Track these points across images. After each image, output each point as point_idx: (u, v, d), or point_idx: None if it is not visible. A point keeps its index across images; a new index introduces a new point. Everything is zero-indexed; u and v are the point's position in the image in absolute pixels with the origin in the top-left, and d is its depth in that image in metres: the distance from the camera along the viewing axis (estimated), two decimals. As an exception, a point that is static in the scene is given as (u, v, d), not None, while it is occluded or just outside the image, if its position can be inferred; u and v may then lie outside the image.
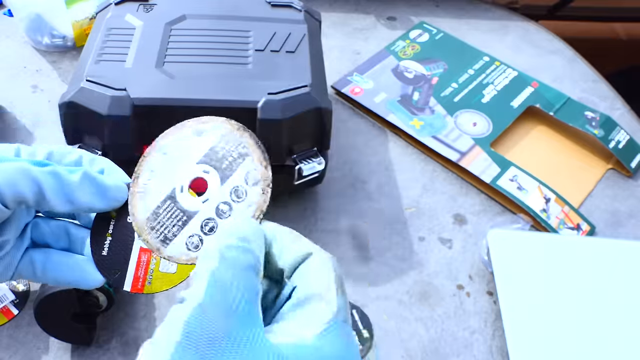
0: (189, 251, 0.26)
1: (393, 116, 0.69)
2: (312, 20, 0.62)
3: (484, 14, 0.89)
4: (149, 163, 0.28)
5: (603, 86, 0.78)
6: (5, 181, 0.26)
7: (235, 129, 0.27)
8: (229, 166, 0.27)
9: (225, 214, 0.26)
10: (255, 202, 0.26)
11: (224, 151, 0.27)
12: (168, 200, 0.27)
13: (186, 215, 0.26)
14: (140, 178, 0.28)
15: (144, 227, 0.27)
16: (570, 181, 0.65)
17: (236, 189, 0.26)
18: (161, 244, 0.26)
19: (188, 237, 0.26)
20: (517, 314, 0.52)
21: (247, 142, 0.27)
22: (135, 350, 0.49)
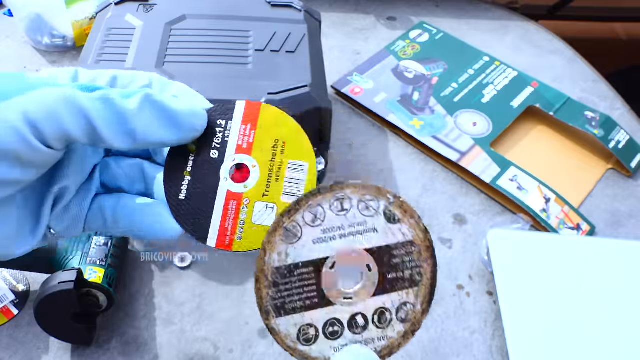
0: (298, 341, 0.22)
1: (393, 116, 0.69)
2: (312, 20, 0.62)
3: (484, 14, 0.89)
4: (320, 206, 0.22)
5: (603, 86, 0.78)
6: (44, 113, 0.20)
7: (425, 246, 0.23)
8: (394, 281, 0.22)
9: (357, 329, 0.22)
10: (390, 339, 0.22)
11: (399, 260, 0.22)
12: (311, 266, 0.22)
13: (319, 298, 0.22)
14: (299, 216, 0.22)
15: (268, 275, 0.22)
16: (570, 181, 0.65)
17: (383, 311, 0.22)
18: (274, 309, 0.22)
19: (306, 324, 0.22)
20: (517, 314, 0.52)
21: (425, 271, 0.23)
22: (136, 349, 0.49)
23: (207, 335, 0.51)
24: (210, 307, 0.52)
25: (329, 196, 0.22)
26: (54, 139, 0.20)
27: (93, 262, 0.48)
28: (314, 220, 0.22)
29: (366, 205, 0.22)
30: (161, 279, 0.54)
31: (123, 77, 0.24)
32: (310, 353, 0.21)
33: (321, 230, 0.22)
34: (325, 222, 0.22)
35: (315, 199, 0.22)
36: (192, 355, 0.49)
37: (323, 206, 0.22)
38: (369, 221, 0.22)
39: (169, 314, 0.52)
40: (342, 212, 0.22)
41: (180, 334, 0.51)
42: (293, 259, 0.21)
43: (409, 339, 0.22)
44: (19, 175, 0.21)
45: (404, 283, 0.22)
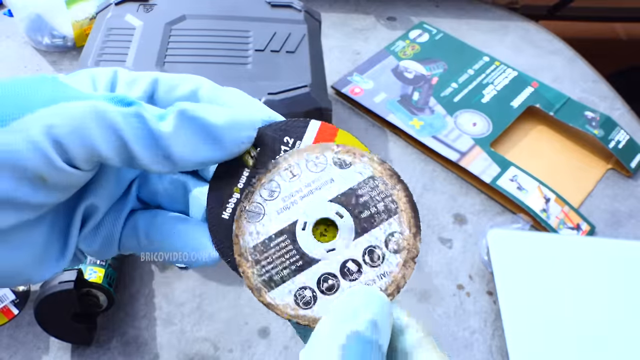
0: (297, 306, 0.21)
1: (393, 116, 0.69)
2: (312, 21, 0.62)
3: (484, 14, 0.89)
4: (272, 180, 0.22)
5: (603, 86, 0.78)
6: (70, 129, 0.17)
7: (387, 174, 0.22)
8: (370, 218, 0.22)
9: (352, 275, 0.21)
10: (391, 273, 0.21)
11: (367, 197, 0.22)
12: (284, 234, 0.21)
13: (303, 260, 0.21)
14: (256, 195, 0.22)
15: (247, 257, 0.21)
16: (570, 181, 0.65)
17: (372, 249, 0.22)
18: (264, 284, 0.21)
19: (299, 287, 0.21)
20: (517, 313, 0.52)
21: (398, 196, 0.22)
22: (136, 349, 0.49)
23: (207, 335, 0.51)
24: (210, 307, 0.52)
25: (277, 168, 0.22)
26: (81, 159, 0.18)
27: (93, 262, 0.49)
28: (271, 194, 0.22)
29: (314, 163, 0.22)
30: (161, 279, 0.54)
31: (165, 81, 0.21)
32: (315, 314, 0.21)
33: (281, 199, 0.22)
34: (282, 191, 0.22)
35: (266, 176, 0.22)
36: (192, 355, 0.50)
37: (275, 179, 0.22)
38: (322, 176, 0.22)
39: (169, 314, 0.52)
40: (294, 177, 0.22)
41: (180, 334, 0.51)
42: (265, 234, 0.21)
43: (411, 267, 0.22)
44: (42, 199, 0.18)
45: (381, 215, 0.22)
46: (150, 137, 0.19)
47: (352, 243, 0.22)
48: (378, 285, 0.21)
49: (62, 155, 0.18)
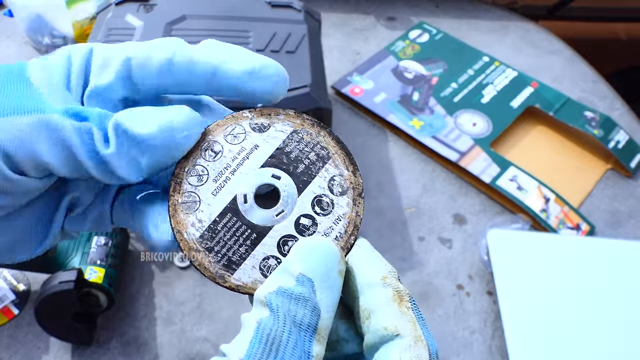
0: (266, 277, 0.20)
1: (393, 116, 0.70)
2: (312, 21, 0.62)
3: (484, 15, 0.89)
4: (196, 165, 0.21)
5: (602, 86, 0.78)
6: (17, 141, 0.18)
7: (309, 125, 0.22)
8: (306, 171, 0.22)
9: (309, 230, 0.21)
10: (345, 215, 0.21)
11: (297, 152, 0.22)
12: (228, 212, 0.21)
13: (255, 231, 0.21)
14: (185, 184, 0.21)
15: (198, 248, 0.21)
16: (569, 181, 0.65)
17: (319, 198, 0.21)
18: (225, 269, 0.20)
19: (262, 259, 0.21)
20: (517, 313, 0.52)
21: (325, 142, 0.22)
22: (136, 350, 0.49)
23: (207, 335, 0.51)
24: (210, 307, 0.52)
25: (198, 152, 0.21)
26: (29, 169, 0.19)
27: (93, 262, 0.49)
28: (200, 179, 0.21)
29: (233, 135, 0.22)
30: (161, 278, 0.54)
31: (138, 56, 0.21)
32: None
33: (212, 180, 0.21)
34: (210, 173, 0.21)
35: (189, 162, 0.21)
36: (193, 355, 0.50)
37: (199, 163, 0.21)
38: (245, 145, 0.22)
39: (169, 313, 0.52)
40: (218, 155, 0.21)
41: (180, 333, 0.51)
42: (208, 220, 0.21)
43: (361, 203, 0.21)
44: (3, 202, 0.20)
45: (316, 164, 0.22)
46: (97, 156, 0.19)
47: (298, 199, 0.21)
48: (337, 230, 0.21)
49: (9, 165, 0.19)
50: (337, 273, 0.19)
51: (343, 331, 0.21)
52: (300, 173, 0.21)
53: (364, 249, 0.21)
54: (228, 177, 0.21)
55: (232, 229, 0.21)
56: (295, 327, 0.18)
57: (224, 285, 0.20)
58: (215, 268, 0.20)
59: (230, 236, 0.21)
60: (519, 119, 0.71)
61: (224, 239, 0.21)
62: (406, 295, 0.20)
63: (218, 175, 0.21)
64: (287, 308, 0.18)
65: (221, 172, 0.21)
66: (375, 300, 0.19)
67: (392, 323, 0.19)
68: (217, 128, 0.22)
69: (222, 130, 0.22)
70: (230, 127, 0.22)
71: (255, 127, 0.22)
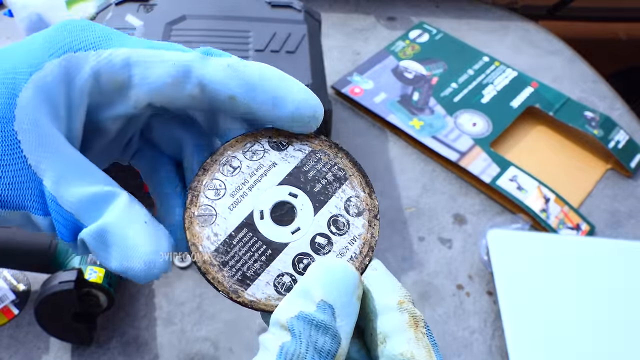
0: (280, 295, 0.20)
1: (393, 116, 0.70)
2: (312, 21, 0.62)
3: (484, 14, 0.89)
4: (214, 179, 0.22)
5: (602, 86, 0.78)
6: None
7: (327, 146, 0.23)
8: (323, 190, 0.22)
9: (324, 249, 0.21)
10: (360, 236, 0.21)
11: (314, 171, 0.22)
12: (244, 227, 0.21)
13: (271, 247, 0.21)
14: (202, 197, 0.21)
15: (213, 262, 0.20)
16: (569, 181, 0.65)
17: (335, 218, 0.22)
18: (239, 284, 0.20)
19: (276, 275, 0.21)
20: (517, 313, 0.52)
21: (343, 164, 0.22)
22: (136, 350, 0.49)
23: (207, 335, 0.51)
24: (211, 307, 0.52)
25: (216, 165, 0.22)
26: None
27: (93, 261, 0.49)
28: (217, 193, 0.21)
29: (251, 152, 0.22)
30: (161, 278, 0.54)
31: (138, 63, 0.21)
32: None
33: (229, 195, 0.21)
34: (227, 188, 0.21)
35: (207, 175, 0.22)
36: (193, 355, 0.50)
37: (217, 177, 0.22)
38: (263, 162, 0.22)
39: (169, 314, 0.52)
40: (236, 170, 0.22)
41: (180, 333, 0.51)
42: (224, 234, 0.21)
43: (376, 225, 0.22)
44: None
45: (333, 185, 0.22)
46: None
47: (314, 218, 0.21)
48: (352, 250, 0.21)
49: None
50: (356, 298, 0.19)
51: (355, 352, 0.21)
52: (318, 192, 0.22)
53: (380, 271, 0.21)
54: (245, 192, 0.21)
55: (248, 244, 0.21)
56: (317, 353, 0.18)
57: (237, 300, 0.20)
58: (229, 282, 0.20)
59: (246, 251, 0.21)
60: (519, 119, 0.71)
61: (239, 254, 0.21)
62: (421, 321, 0.20)
63: (235, 190, 0.21)
64: (309, 334, 0.18)
65: (239, 187, 0.21)
66: (391, 325, 0.20)
67: (408, 349, 0.19)
68: (236, 144, 0.22)
69: (241, 146, 0.22)
70: (249, 144, 0.22)
71: (274, 146, 0.22)
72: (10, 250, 0.48)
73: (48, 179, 0.19)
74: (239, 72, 0.21)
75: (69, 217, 0.19)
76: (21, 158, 0.19)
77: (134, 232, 0.19)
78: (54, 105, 0.19)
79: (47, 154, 0.19)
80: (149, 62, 0.20)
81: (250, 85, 0.21)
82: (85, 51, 0.20)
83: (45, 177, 0.19)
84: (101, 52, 0.20)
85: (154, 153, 0.25)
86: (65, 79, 0.20)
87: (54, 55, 0.20)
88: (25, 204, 0.19)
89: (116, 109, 0.21)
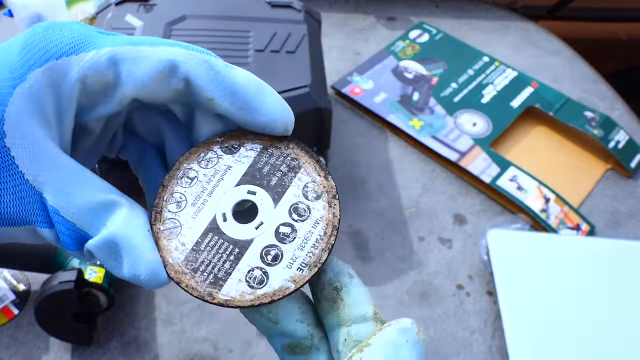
0: (253, 289, 0.21)
1: (393, 116, 0.70)
2: (312, 21, 0.62)
3: (484, 14, 0.89)
4: (174, 193, 0.22)
5: (602, 86, 0.78)
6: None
7: (276, 140, 0.23)
8: (280, 182, 0.22)
9: (289, 237, 0.22)
10: (322, 218, 0.22)
11: (268, 166, 0.23)
12: (209, 233, 0.22)
13: (238, 246, 0.21)
14: (165, 212, 0.22)
15: (184, 270, 0.21)
16: (569, 181, 0.65)
17: (295, 206, 0.22)
18: (212, 286, 0.21)
19: (247, 271, 0.21)
20: (517, 313, 0.52)
21: (295, 153, 0.23)
22: (136, 350, 0.49)
23: (207, 335, 0.51)
24: (210, 307, 0.52)
25: (173, 180, 0.23)
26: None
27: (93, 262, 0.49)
28: (179, 205, 0.22)
29: (206, 161, 0.23)
30: (161, 279, 0.54)
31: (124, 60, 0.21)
32: (273, 288, 0.21)
33: (190, 205, 0.22)
34: (188, 198, 0.22)
35: (167, 191, 0.22)
36: (192, 355, 0.50)
37: (177, 191, 0.22)
38: (218, 167, 0.23)
39: (169, 314, 0.52)
40: (193, 181, 0.22)
41: (180, 334, 0.51)
42: (191, 242, 0.21)
43: (336, 205, 0.22)
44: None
45: (289, 175, 0.23)
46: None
47: (275, 210, 0.22)
48: (317, 233, 0.22)
49: None
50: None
51: (317, 341, 0.22)
52: (275, 185, 0.22)
53: (355, 280, 0.22)
54: (205, 199, 0.22)
55: (215, 247, 0.21)
56: None
57: (213, 302, 0.21)
58: (202, 287, 0.21)
59: (214, 254, 0.21)
60: (519, 119, 0.71)
61: (208, 258, 0.21)
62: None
63: (196, 199, 0.22)
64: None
65: (198, 196, 0.22)
66: (368, 334, 0.21)
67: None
68: (190, 156, 0.23)
69: (195, 157, 0.23)
70: (202, 154, 0.23)
71: (226, 150, 0.23)
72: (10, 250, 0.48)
73: (47, 192, 0.19)
74: (220, 75, 0.21)
75: (72, 227, 0.19)
76: (18, 174, 0.19)
77: (139, 241, 0.20)
78: (43, 115, 0.19)
79: (43, 167, 0.19)
80: (134, 58, 0.20)
81: (229, 90, 0.21)
82: (67, 56, 0.20)
83: (44, 190, 0.19)
84: (83, 55, 0.20)
85: (138, 144, 0.25)
86: (51, 87, 0.19)
87: (36, 65, 0.19)
88: (29, 219, 0.19)
89: (101, 109, 0.21)
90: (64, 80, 0.19)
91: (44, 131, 0.19)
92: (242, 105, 0.22)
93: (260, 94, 0.22)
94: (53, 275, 0.46)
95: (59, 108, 0.20)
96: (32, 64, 0.19)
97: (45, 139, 0.19)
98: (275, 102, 0.22)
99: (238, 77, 0.22)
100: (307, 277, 0.21)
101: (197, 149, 0.23)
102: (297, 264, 0.21)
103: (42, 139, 0.19)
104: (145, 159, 0.25)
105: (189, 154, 0.23)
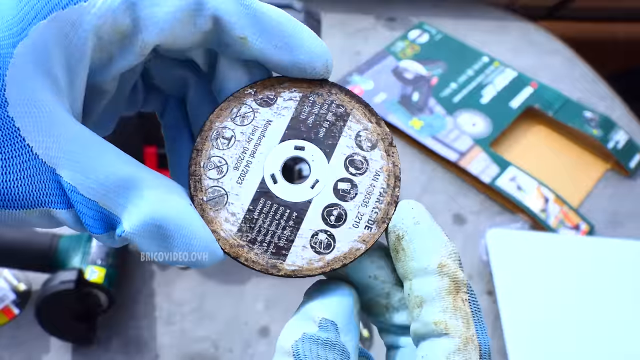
0: (320, 254, 0.19)
1: (393, 116, 0.70)
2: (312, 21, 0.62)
3: (484, 15, 0.89)
4: (211, 157, 0.20)
5: (602, 86, 0.79)
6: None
7: (315, 86, 0.20)
8: (329, 134, 0.20)
9: (350, 193, 0.19)
10: (382, 168, 0.20)
11: (313, 117, 0.20)
12: (260, 198, 0.19)
13: (295, 209, 0.19)
14: (205, 180, 0.19)
15: (240, 243, 0.19)
16: (569, 181, 0.65)
17: (351, 158, 0.20)
18: (275, 257, 0.19)
19: (311, 236, 0.19)
20: (516, 313, 0.52)
21: (340, 99, 0.20)
22: (136, 350, 0.49)
23: (207, 335, 0.51)
24: (210, 307, 0.53)
25: (207, 142, 0.20)
26: None
27: (94, 261, 0.49)
28: (220, 170, 0.20)
29: (241, 117, 0.20)
30: (161, 278, 0.54)
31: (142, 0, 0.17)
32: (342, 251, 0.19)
33: (233, 168, 0.20)
34: (228, 161, 0.20)
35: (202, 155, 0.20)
36: (192, 355, 0.50)
37: (214, 154, 0.20)
38: (256, 123, 0.20)
39: (169, 313, 0.52)
40: (230, 141, 0.20)
41: (180, 333, 0.51)
42: (241, 211, 0.19)
43: (394, 153, 0.20)
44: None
45: (337, 125, 0.20)
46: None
47: (329, 165, 0.20)
48: (379, 186, 0.20)
49: None
50: (356, 314, 0.19)
51: (396, 300, 0.20)
52: (324, 137, 0.20)
53: (423, 226, 0.20)
54: (249, 161, 0.20)
55: (270, 213, 0.19)
56: None
57: (279, 274, 0.19)
58: (264, 259, 0.19)
59: (270, 221, 0.19)
60: (518, 119, 0.71)
61: (265, 226, 0.19)
62: (464, 286, 0.19)
63: (238, 161, 0.20)
64: (317, 354, 0.17)
65: (240, 158, 0.20)
66: (428, 290, 0.18)
67: (443, 319, 0.18)
68: (221, 112, 0.20)
69: (227, 114, 0.20)
70: (235, 109, 0.20)
71: (262, 102, 0.20)
72: (10, 250, 0.48)
73: (62, 168, 0.16)
74: (251, 9, 0.18)
75: (94, 206, 0.16)
76: (25, 148, 0.16)
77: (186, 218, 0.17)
78: (51, 76, 0.16)
79: (54, 138, 0.16)
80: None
81: (264, 27, 0.18)
82: (76, 4, 0.16)
83: (58, 165, 0.16)
84: (95, 1, 0.16)
85: (159, 96, 0.23)
86: (59, 42, 0.16)
87: (39, 17, 0.16)
88: (42, 200, 0.16)
89: (118, 64, 0.18)
90: (74, 33, 0.16)
91: (53, 96, 0.16)
92: (278, 42, 0.19)
93: (297, 30, 0.19)
94: (53, 275, 0.46)
95: (69, 67, 0.17)
96: (34, 16, 0.16)
97: (54, 105, 0.16)
98: (313, 39, 0.19)
99: (271, 11, 0.19)
100: (377, 235, 0.19)
101: (228, 103, 0.20)
102: (364, 221, 0.19)
103: (51, 105, 0.16)
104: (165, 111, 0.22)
105: (219, 110, 0.20)
